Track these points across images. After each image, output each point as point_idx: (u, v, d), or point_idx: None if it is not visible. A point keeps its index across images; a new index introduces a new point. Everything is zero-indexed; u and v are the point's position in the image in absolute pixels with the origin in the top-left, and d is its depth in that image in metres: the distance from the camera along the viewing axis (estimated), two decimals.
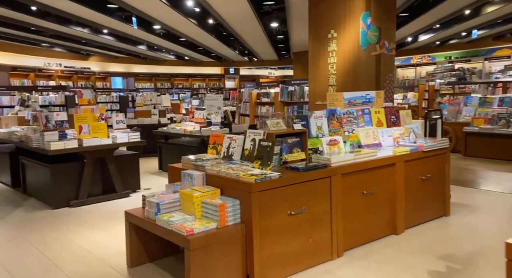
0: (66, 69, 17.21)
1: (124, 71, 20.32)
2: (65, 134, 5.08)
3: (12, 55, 14.04)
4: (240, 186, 2.76)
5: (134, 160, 5.81)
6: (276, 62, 21.09)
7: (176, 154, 7.04)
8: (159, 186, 6.11)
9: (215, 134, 3.67)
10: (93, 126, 5.41)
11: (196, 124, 7.23)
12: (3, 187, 6.35)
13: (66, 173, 5.06)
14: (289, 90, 7.95)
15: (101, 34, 11.53)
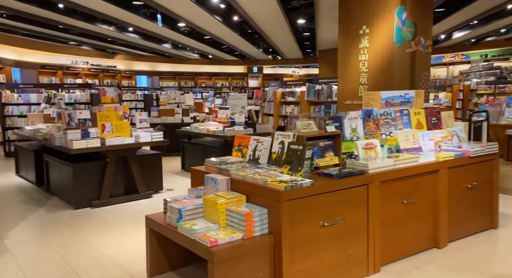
0: (93, 67, 17.46)
1: (149, 70, 20.46)
2: (87, 133, 4.99)
3: (41, 53, 14.33)
4: (268, 194, 2.52)
5: (157, 160, 5.68)
6: (301, 61, 20.71)
7: (199, 154, 6.89)
8: (181, 187, 5.97)
9: (241, 136, 3.44)
10: (116, 125, 5.31)
11: (219, 124, 7.04)
12: (28, 184, 6.37)
13: (88, 172, 4.97)
14: (316, 89, 7.65)
15: (127, 32, 11.55)
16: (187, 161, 7.28)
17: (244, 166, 3.11)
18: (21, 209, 4.95)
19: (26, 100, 9.32)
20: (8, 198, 5.49)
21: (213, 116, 7.41)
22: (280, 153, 3.01)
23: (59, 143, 5.09)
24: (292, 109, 8.48)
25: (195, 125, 7.17)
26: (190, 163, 7.17)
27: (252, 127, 6.38)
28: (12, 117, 9.22)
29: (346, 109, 6.70)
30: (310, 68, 25.36)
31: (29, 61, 13.95)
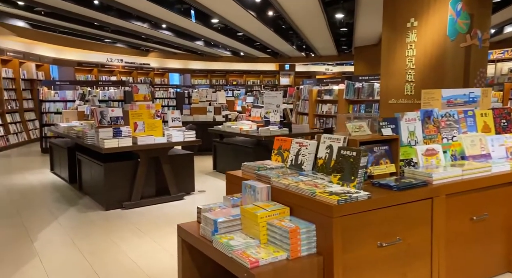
0: (127, 65, 17.69)
1: (181, 68, 20.55)
2: (119, 132, 4.84)
3: (78, 51, 14.62)
4: (316, 207, 2.18)
5: (189, 160, 5.47)
6: (335, 58, 20.09)
7: (232, 155, 6.64)
8: (213, 189, 5.73)
9: (281, 138, 3.12)
10: (148, 124, 5.13)
11: (253, 123, 6.75)
12: (61, 182, 6.34)
13: (119, 172, 4.82)
14: (356, 87, 7.19)
15: (160, 29, 11.50)
16: (219, 161, 7.05)
17: (286, 172, 2.78)
18: (53, 208, 4.88)
19: (62, 97, 9.44)
20: (42, 196, 5.46)
21: (246, 115, 7.13)
22: (327, 158, 2.66)
23: (91, 141, 4.97)
24: (329, 108, 8.05)
25: (227, 124, 6.92)
26: (222, 163, 6.94)
27: (288, 127, 6.04)
28: (48, 114, 9.36)
29: (390, 109, 6.20)
30: (344, 65, 24.64)
31: (67, 58, 14.27)
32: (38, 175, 6.89)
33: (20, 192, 5.70)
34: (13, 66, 10.83)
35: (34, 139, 11.00)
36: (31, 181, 6.39)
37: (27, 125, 11.13)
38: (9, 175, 6.91)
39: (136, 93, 5.15)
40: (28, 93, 11.50)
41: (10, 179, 6.53)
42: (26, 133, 10.96)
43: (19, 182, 6.35)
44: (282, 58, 20.76)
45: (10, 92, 10.63)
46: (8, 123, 10.14)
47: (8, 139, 9.99)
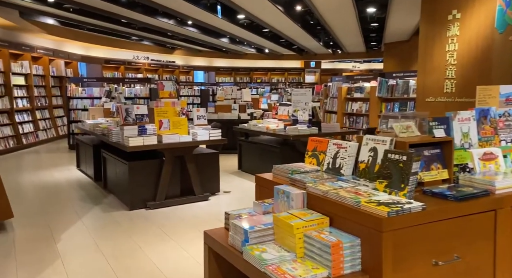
0: (153, 63, 17.80)
1: (206, 65, 20.52)
2: (144, 130, 4.71)
3: (105, 48, 14.79)
4: (362, 219, 1.92)
5: (214, 160, 5.29)
6: (363, 55, 19.51)
7: (258, 154, 6.42)
8: (239, 190, 5.52)
9: (316, 139, 2.86)
10: (173, 122, 4.98)
11: (280, 121, 6.50)
12: (87, 179, 6.31)
13: (144, 171, 4.69)
14: (389, 85, 6.80)
15: (186, 26, 11.41)
16: (244, 160, 6.85)
17: (322, 176, 2.52)
18: (78, 206, 4.81)
19: (89, 94, 9.50)
20: (67, 194, 5.42)
21: (273, 113, 6.89)
22: (370, 162, 2.38)
23: (116, 139, 4.86)
24: (360, 107, 7.69)
25: (253, 123, 6.70)
26: (247, 163, 6.74)
27: (317, 126, 5.75)
28: (76, 111, 9.44)
29: (427, 107, 5.81)
30: (372, 63, 23.95)
31: (94, 56, 14.45)
32: (64, 171, 6.91)
33: (46, 189, 5.69)
34: (43, 63, 11.02)
35: (62, 135, 11.17)
36: (58, 178, 6.39)
37: (56, 122, 11.31)
38: (37, 171, 6.96)
39: (162, 90, 5.01)
40: (57, 90, 11.69)
41: (37, 176, 6.57)
42: (55, 129, 11.13)
43: (46, 179, 6.37)
44: (307, 55, 20.37)
45: (40, 89, 10.82)
46: (38, 120, 10.32)
47: (38, 135, 10.16)
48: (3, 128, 8.92)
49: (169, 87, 5.09)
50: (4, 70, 9.16)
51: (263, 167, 6.35)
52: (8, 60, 9.20)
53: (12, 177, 6.46)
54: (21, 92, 9.87)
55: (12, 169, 7.26)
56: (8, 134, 9.01)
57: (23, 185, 5.94)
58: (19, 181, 6.23)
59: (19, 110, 9.65)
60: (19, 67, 9.84)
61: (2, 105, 9.02)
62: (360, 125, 7.68)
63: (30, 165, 7.63)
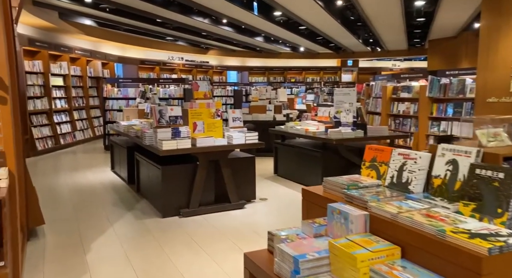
0: (187, 63, 17.81)
1: (239, 65, 20.33)
2: (178, 132, 4.45)
3: (141, 49, 14.91)
4: (448, 254, 1.50)
5: (250, 164, 4.95)
6: (404, 53, 18.57)
7: (296, 159, 6.02)
8: (276, 197, 5.15)
9: (375, 147, 2.43)
10: (208, 124, 4.70)
11: (320, 123, 6.06)
12: (120, 182, 6.18)
13: (177, 176, 4.43)
14: (442, 83, 6.19)
15: (221, 25, 11.20)
16: (280, 164, 6.47)
17: (385, 193, 2.11)
18: (110, 212, 4.63)
19: (125, 95, 9.47)
20: (100, 198, 5.27)
21: (312, 114, 6.46)
22: (449, 178, 1.94)
23: (149, 142, 4.64)
24: (407, 108, 7.09)
25: (290, 125, 6.31)
26: (284, 167, 6.36)
27: (363, 130, 5.27)
28: (111, 111, 9.44)
29: (488, 109, 5.18)
30: (412, 61, 22.82)
31: (130, 56, 14.59)
32: (99, 173, 6.83)
33: (80, 192, 5.58)
34: (80, 64, 11.17)
35: (98, 136, 11.28)
36: (92, 181, 6.30)
37: (93, 122, 11.44)
38: (72, 172, 6.93)
39: (196, 91, 4.74)
40: (94, 91, 11.83)
41: (72, 178, 6.52)
42: (91, 130, 11.26)
43: (80, 181, 6.29)
44: (344, 53, 19.66)
45: (78, 90, 10.97)
46: (75, 120, 10.45)
47: (75, 135, 10.29)
48: (42, 128, 9.07)
49: (203, 87, 4.81)
50: (43, 71, 9.31)
51: (302, 173, 5.98)
52: (47, 61, 9.35)
53: (48, 179, 6.45)
54: (60, 93, 10.02)
55: (49, 170, 7.28)
56: (47, 134, 9.15)
57: (58, 188, 5.88)
58: (54, 183, 6.19)
59: (57, 110, 9.80)
60: (58, 68, 9.99)
61: (41, 105, 9.17)
62: (407, 128, 7.08)
63: (66, 166, 7.65)
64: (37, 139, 8.75)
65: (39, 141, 8.82)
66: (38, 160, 8.27)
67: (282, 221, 4.22)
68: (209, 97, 4.81)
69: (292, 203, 4.91)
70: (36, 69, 9.09)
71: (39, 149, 8.73)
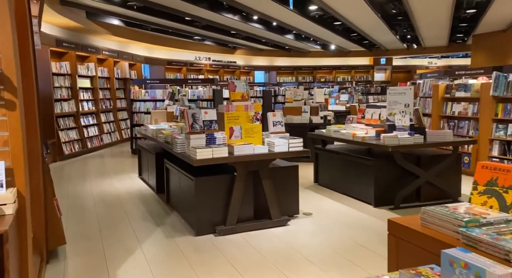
0: (214, 63, 17.42)
1: (267, 65, 19.78)
2: (213, 139, 3.92)
3: (168, 49, 14.60)
4: None
5: (292, 175, 4.37)
6: (442, 49, 17.48)
7: (340, 167, 5.36)
8: (321, 212, 4.53)
9: (494, 166, 1.79)
10: (246, 129, 4.15)
11: (368, 127, 5.39)
12: (148, 191, 5.73)
13: (212, 188, 3.91)
14: (509, 81, 5.39)
15: (250, 22, 10.66)
16: (321, 172, 5.84)
17: None
18: (137, 227, 4.16)
19: (152, 97, 9.09)
20: (127, 210, 4.83)
21: (358, 116, 5.79)
22: None
23: (181, 149, 4.13)
24: (464, 109, 6.30)
25: (333, 128, 5.67)
26: (326, 176, 5.72)
27: (421, 134, 4.57)
28: (139, 114, 9.08)
29: None
30: (450, 58, 21.57)
31: (157, 57, 14.32)
32: (126, 180, 6.43)
33: (105, 202, 5.17)
34: (108, 65, 10.92)
35: (126, 139, 11.00)
36: (118, 189, 5.89)
37: (120, 125, 11.17)
38: (98, 179, 6.56)
39: (233, 92, 4.20)
40: (121, 92, 11.58)
41: (98, 185, 6.14)
42: (119, 132, 10.99)
43: (106, 188, 5.90)
44: (377, 51, 18.74)
45: (105, 92, 10.71)
46: (102, 123, 10.18)
47: (102, 138, 10.02)
48: (69, 132, 8.81)
49: (241, 88, 4.26)
50: (71, 72, 9.06)
51: (348, 183, 5.28)
52: (74, 62, 9.10)
53: (73, 186, 6.10)
54: (87, 95, 9.76)
55: (75, 176, 6.96)
56: (74, 138, 8.89)
57: (83, 196, 5.50)
58: (79, 190, 5.83)
59: (85, 113, 9.55)
60: (85, 70, 9.74)
61: (68, 108, 8.92)
62: (464, 131, 6.29)
63: (92, 172, 7.31)
64: (64, 143, 8.48)
65: (65, 144, 8.55)
66: (64, 164, 7.99)
67: (333, 243, 3.61)
68: (247, 98, 4.26)
69: (340, 219, 4.29)
70: (63, 70, 8.85)
71: (66, 153, 8.47)
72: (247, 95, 4.28)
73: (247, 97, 4.27)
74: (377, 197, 4.66)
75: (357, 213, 4.52)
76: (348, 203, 4.88)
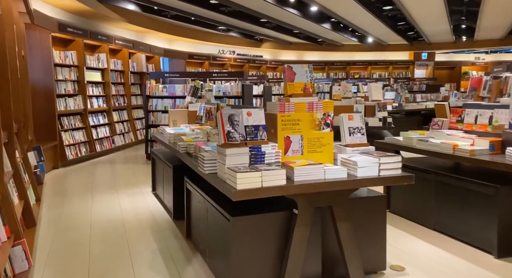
0: (239, 57, 16.03)
1: (296, 60, 18.25)
2: (261, 156, 2.50)
3: (190, 41, 13.27)
4: None
5: (378, 211, 2.88)
6: (494, 43, 15.54)
7: (433, 194, 3.75)
8: (417, 262, 2.94)
9: None
10: (310, 140, 2.70)
11: (471, 135, 3.80)
12: (163, 214, 4.35)
13: (260, 232, 2.47)
14: None
15: (285, 6, 9.16)
16: (397, 197, 4.27)
17: None
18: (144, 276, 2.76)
19: (171, 93, 7.74)
20: (132, 247, 3.45)
21: (452, 120, 4.20)
22: None
23: (210, 170, 2.70)
24: None
25: (413, 136, 4.12)
26: (401, 202, 4.14)
27: None
28: (155, 113, 7.75)
29: None
30: (498, 53, 19.47)
31: (178, 50, 13.01)
32: (136, 197, 5.08)
33: (106, 236, 3.80)
34: (122, 57, 9.64)
35: (141, 140, 9.71)
36: (125, 211, 4.53)
37: (135, 125, 9.89)
38: (103, 195, 5.23)
39: (291, 82, 2.74)
40: (136, 89, 10.30)
41: (100, 204, 4.80)
42: (133, 133, 9.71)
43: (110, 211, 4.55)
44: (419, 44, 16.93)
45: (118, 87, 9.45)
46: (115, 123, 8.91)
47: (114, 140, 8.74)
48: (75, 133, 7.56)
49: (302, 75, 2.79)
50: (77, 63, 7.79)
51: (447, 217, 3.40)
52: (82, 51, 7.82)
53: (68, 206, 4.79)
54: (97, 90, 8.50)
55: (74, 190, 5.67)
56: (80, 140, 7.62)
57: (77, 226, 4.18)
58: (75, 214, 4.51)
59: (94, 111, 8.28)
60: (95, 61, 8.47)
61: (74, 105, 7.67)
62: None
63: (97, 183, 6.01)
64: (68, 146, 7.22)
65: (69, 148, 7.30)
66: (66, 172, 6.73)
67: None
68: (313, 92, 2.79)
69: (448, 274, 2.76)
70: (68, 61, 7.59)
71: (70, 158, 7.21)
72: (312, 87, 2.81)
73: (312, 91, 2.80)
74: (502, 244, 3.11)
75: (470, 266, 2.99)
76: (452, 249, 3.33)
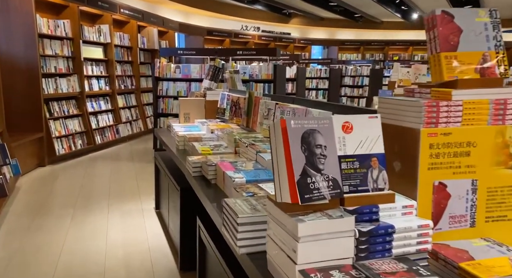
0: (264, 35, 14.31)
1: (327, 38, 16.39)
2: (386, 235, 0.91)
3: (209, 14, 11.62)
4: None
5: None
6: None
7: None
8: None
9: None
10: (490, 191, 1.10)
11: None
12: (166, 257, 2.88)
13: None
14: None
15: None
16: None
17: None
18: None
19: (185, 75, 6.22)
20: None
21: None
22: None
23: (247, 244, 1.16)
24: None
25: None
26: None
27: None
28: (166, 99, 6.27)
29: None
30: None
31: (195, 24, 11.40)
32: (133, 218, 3.65)
33: None
34: (129, 30, 8.15)
35: (151, 130, 8.28)
36: (112, 248, 3.09)
37: (145, 112, 8.47)
38: (90, 212, 3.81)
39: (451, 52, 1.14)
40: (147, 69, 8.83)
41: (81, 232, 3.38)
42: (143, 121, 8.30)
43: (90, 247, 3.12)
44: None
45: (125, 66, 7.99)
46: (120, 109, 7.50)
47: (118, 130, 7.34)
48: (68, 121, 6.17)
49: (475, 36, 1.20)
50: (72, 35, 6.33)
51: None
52: (78, 21, 6.34)
53: (38, 233, 3.40)
54: (97, 69, 7.06)
55: (54, 203, 4.30)
56: (75, 130, 6.24)
57: (38, 271, 2.76)
58: (43, 247, 3.13)
59: (93, 95, 6.87)
60: (95, 34, 6.99)
61: (68, 87, 6.25)
62: None
63: (87, 191, 4.63)
64: (57, 138, 5.85)
65: (61, 140, 5.92)
66: (54, 171, 5.38)
67: None
68: (502, 76, 1.21)
69: None
70: (60, 32, 6.13)
71: (61, 153, 5.84)
72: (501, 62, 1.21)
73: (501, 72, 1.20)
74: None
75: None
76: None
